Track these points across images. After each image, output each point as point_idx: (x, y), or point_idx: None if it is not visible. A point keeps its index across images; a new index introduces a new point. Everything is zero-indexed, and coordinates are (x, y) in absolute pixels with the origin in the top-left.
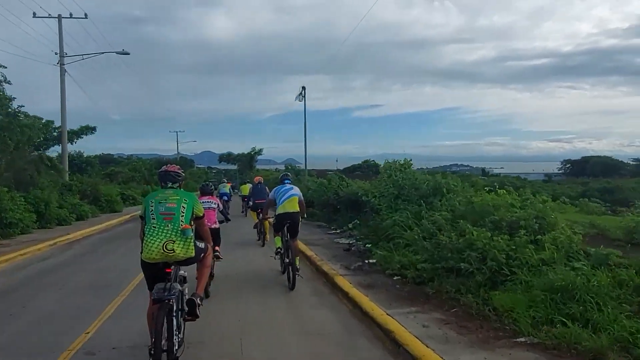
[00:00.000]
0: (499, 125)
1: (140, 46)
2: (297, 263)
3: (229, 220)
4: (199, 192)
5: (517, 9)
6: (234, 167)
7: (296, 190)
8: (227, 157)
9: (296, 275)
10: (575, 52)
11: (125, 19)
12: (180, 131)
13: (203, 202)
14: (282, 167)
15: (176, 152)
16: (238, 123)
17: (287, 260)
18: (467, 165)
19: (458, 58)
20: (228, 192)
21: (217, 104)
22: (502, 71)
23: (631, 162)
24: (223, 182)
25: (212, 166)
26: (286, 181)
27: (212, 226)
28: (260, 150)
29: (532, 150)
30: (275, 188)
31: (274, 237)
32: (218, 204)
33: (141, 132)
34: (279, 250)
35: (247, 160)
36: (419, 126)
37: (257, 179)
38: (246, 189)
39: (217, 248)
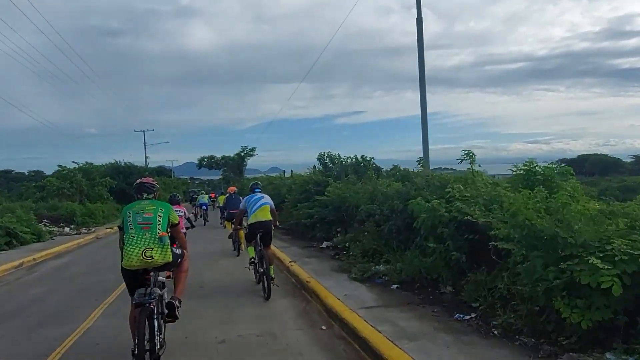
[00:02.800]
0: (479, 128)
1: (118, 59)
2: (272, 272)
3: (194, 227)
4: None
5: (493, 15)
6: (218, 175)
7: (267, 199)
8: (208, 162)
9: (271, 285)
10: (550, 56)
11: (102, 31)
12: (148, 130)
13: None
14: (273, 175)
15: (145, 157)
16: (220, 133)
17: (262, 270)
18: (451, 169)
19: (437, 64)
20: (206, 202)
21: (198, 114)
22: (480, 75)
23: (629, 160)
24: (202, 193)
25: (195, 177)
26: (256, 190)
27: None
28: (253, 149)
29: (512, 152)
30: (246, 197)
31: (247, 247)
32: (184, 212)
33: (119, 145)
34: (252, 260)
35: (236, 165)
36: (401, 131)
37: (231, 189)
38: (223, 199)
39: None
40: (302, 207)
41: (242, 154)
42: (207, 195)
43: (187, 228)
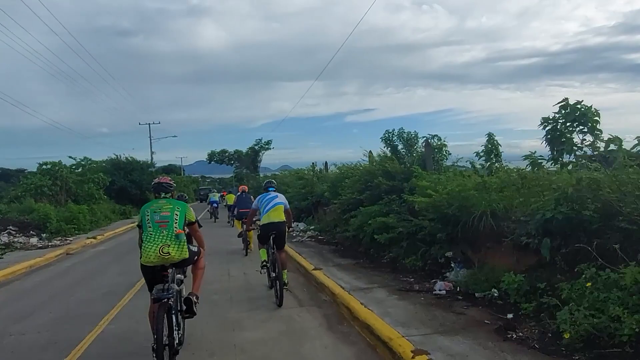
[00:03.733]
0: (492, 125)
1: (129, 58)
2: (285, 277)
3: (200, 226)
4: None
5: (505, 10)
6: (230, 172)
7: (281, 198)
8: (219, 157)
9: (284, 290)
10: (564, 51)
11: (113, 31)
12: (154, 123)
13: None
14: (303, 169)
15: (150, 152)
16: (231, 132)
17: (274, 275)
18: (463, 167)
19: (448, 60)
20: (217, 200)
21: (209, 113)
22: (492, 72)
23: None
24: (213, 192)
25: (206, 174)
26: (270, 188)
27: None
28: (268, 143)
29: (525, 149)
30: (258, 196)
31: (259, 249)
32: None
33: (130, 144)
34: (264, 263)
35: (249, 160)
36: (412, 129)
37: (241, 188)
38: (232, 198)
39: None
40: (369, 213)
41: (257, 147)
42: (219, 194)
43: None
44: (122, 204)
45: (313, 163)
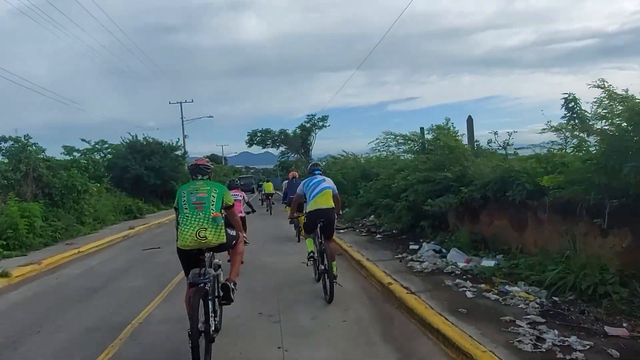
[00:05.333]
0: (543, 111)
1: (174, 54)
2: (335, 270)
3: (255, 211)
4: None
5: None
6: (273, 162)
7: (329, 182)
8: (262, 138)
9: (334, 284)
10: (621, 32)
11: (158, 28)
12: (187, 101)
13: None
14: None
15: (183, 135)
16: (274, 124)
17: (322, 267)
18: (514, 153)
19: (496, 44)
20: (272, 191)
21: (251, 106)
22: (543, 55)
23: None
24: (264, 181)
25: (250, 166)
26: (316, 172)
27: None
28: (324, 119)
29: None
30: (304, 181)
31: (305, 239)
32: (243, 197)
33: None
34: (311, 254)
35: (300, 142)
36: (456, 117)
37: (292, 174)
38: (269, 186)
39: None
40: None
41: (308, 125)
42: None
43: (247, 213)
44: (138, 197)
45: (421, 128)
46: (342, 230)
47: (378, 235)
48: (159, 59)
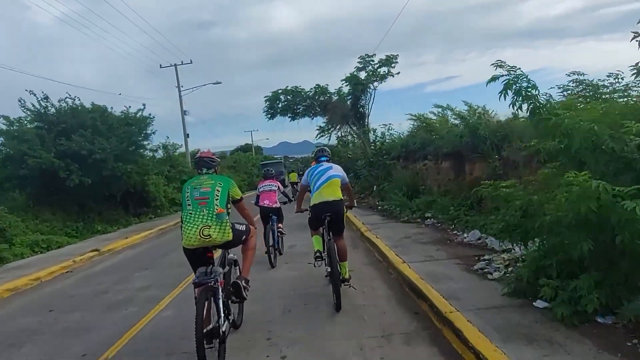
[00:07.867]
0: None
1: (210, 49)
2: (346, 272)
3: (292, 200)
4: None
5: None
6: (307, 150)
7: (337, 169)
8: (286, 102)
9: (340, 288)
10: None
11: (194, 25)
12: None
13: (265, 185)
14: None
15: (181, 110)
16: None
17: (330, 269)
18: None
19: (540, 14)
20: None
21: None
22: (593, 22)
23: None
24: (289, 171)
25: (289, 155)
26: (322, 158)
27: (273, 206)
28: (391, 59)
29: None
30: (308, 169)
31: (311, 236)
32: (278, 186)
33: (216, 132)
34: (318, 254)
35: (348, 107)
36: (497, 94)
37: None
38: (294, 176)
39: (280, 225)
40: None
41: (363, 78)
42: (295, 173)
43: (283, 203)
44: (52, 215)
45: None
46: None
47: None
48: (196, 54)
